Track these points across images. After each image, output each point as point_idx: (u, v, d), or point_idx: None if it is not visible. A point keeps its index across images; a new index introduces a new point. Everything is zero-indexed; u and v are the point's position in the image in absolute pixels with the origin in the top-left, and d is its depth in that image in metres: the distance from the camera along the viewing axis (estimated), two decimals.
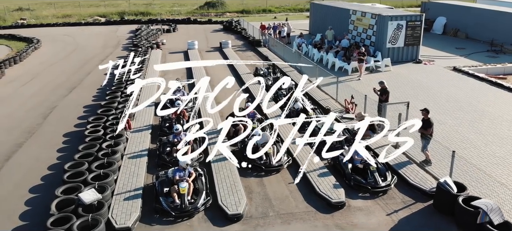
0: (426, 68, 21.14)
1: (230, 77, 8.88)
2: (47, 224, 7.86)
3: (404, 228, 8.26)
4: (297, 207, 9.01)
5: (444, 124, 13.27)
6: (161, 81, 9.43)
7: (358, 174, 9.88)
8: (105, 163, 10.40)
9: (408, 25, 21.85)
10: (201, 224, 8.48)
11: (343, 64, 20.77)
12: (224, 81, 8.71)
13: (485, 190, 8.86)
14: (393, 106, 12.80)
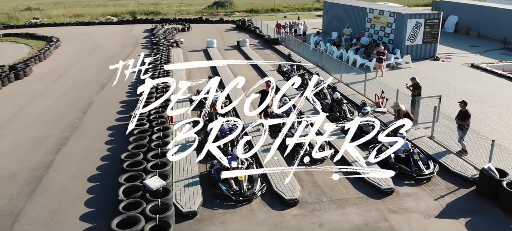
0: (444, 65, 21.70)
1: (241, 77, 8.38)
2: (119, 208, 8.39)
3: (452, 211, 8.80)
4: (348, 193, 9.55)
5: (472, 117, 13.81)
6: (172, 81, 9.30)
7: (402, 163, 10.43)
8: (159, 153, 10.94)
9: (426, 23, 22.43)
10: (260, 208, 9.02)
11: (365, 61, 21.32)
12: (235, 81, 8.35)
13: None
14: (425, 101, 13.38)
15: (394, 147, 8.47)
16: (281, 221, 8.58)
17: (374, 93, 15.45)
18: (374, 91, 15.58)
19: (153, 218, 8.07)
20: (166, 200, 8.69)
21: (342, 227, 8.34)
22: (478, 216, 8.57)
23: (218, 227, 8.41)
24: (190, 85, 15.03)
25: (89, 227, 8.48)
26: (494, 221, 8.37)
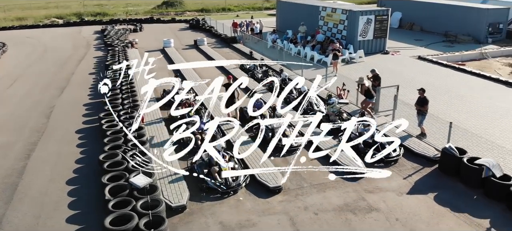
0: (394, 58, 23.21)
1: (245, 77, 9.05)
2: (108, 207, 8.41)
3: (420, 188, 9.69)
4: (326, 179, 10.15)
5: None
6: (176, 81, 9.77)
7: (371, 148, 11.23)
8: (137, 152, 10.96)
9: (376, 19, 23.84)
10: (246, 197, 9.40)
11: (321, 57, 22.29)
12: (239, 81, 8.95)
13: (479, 152, 10.54)
14: (382, 90, 14.41)
15: (366, 135, 9.03)
16: (268, 208, 9.02)
17: (336, 86, 16.30)
18: (335, 85, 16.44)
19: (146, 214, 8.20)
20: (155, 196, 8.84)
21: (325, 208, 8.94)
22: (443, 190, 9.52)
23: (209, 218, 8.69)
24: (194, 85, 15.15)
25: (79, 229, 8.42)
26: (458, 194, 9.34)
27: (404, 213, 8.71)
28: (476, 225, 8.20)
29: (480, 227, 8.15)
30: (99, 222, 8.39)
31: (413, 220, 8.48)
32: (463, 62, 22.34)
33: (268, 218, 8.64)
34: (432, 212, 8.76)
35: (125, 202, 8.64)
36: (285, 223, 8.48)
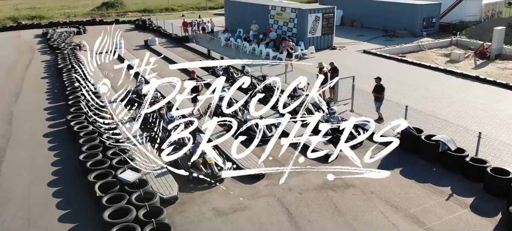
0: (342, 52, 24.78)
1: (246, 78, 9.69)
2: (103, 203, 8.58)
3: (387, 165, 10.81)
4: (303, 163, 11.00)
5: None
6: (177, 81, 10.13)
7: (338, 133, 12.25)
8: (117, 150, 11.07)
9: (324, 17, 25.27)
10: (233, 185, 9.97)
11: (276, 54, 23.26)
12: (240, 81, 9.55)
13: (432, 130, 11.93)
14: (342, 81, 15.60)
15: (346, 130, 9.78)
16: (256, 192, 9.67)
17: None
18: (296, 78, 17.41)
19: (142, 206, 8.48)
20: (147, 190, 9.13)
21: (308, 188, 9.77)
22: (406, 165, 10.74)
23: (202, 206, 9.15)
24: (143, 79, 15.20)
25: (73, 227, 8.50)
26: (419, 168, 10.59)
27: (377, 187, 9.76)
28: (440, 193, 9.43)
29: (443, 193, 9.39)
30: (92, 219, 8.58)
31: (385, 192, 9.54)
32: (403, 54, 24.40)
33: (258, 201, 9.28)
34: (401, 184, 9.90)
35: (118, 197, 8.83)
36: (274, 203, 9.17)
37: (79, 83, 17.36)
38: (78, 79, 18.08)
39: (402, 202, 9.13)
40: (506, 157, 10.70)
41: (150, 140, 12.42)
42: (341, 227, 8.27)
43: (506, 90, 16.72)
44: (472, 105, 15.10)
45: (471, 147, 10.81)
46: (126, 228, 7.80)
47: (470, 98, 15.83)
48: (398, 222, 8.44)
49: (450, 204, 9.00)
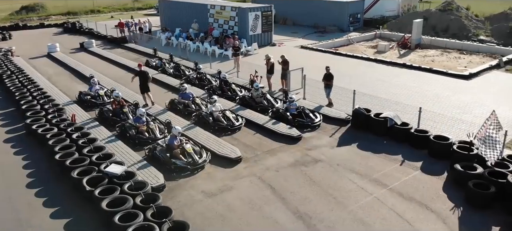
0: (282, 48, 26.23)
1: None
2: (95, 194, 8.89)
3: (344, 141, 12.27)
4: (272, 145, 12.09)
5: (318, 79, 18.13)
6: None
7: (297, 118, 13.52)
8: (93, 149, 11.22)
9: (263, 15, 26.58)
10: (215, 170, 10.71)
11: (222, 51, 24.07)
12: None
13: (377, 109, 13.64)
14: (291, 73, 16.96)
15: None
16: (237, 174, 10.51)
17: (249, 74, 18.31)
18: (247, 73, 18.46)
19: (137, 194, 8.92)
20: (138, 180, 9.55)
21: (282, 166, 10.83)
22: (361, 140, 12.26)
23: (190, 190, 9.79)
24: (95, 79, 15.36)
25: (69, 221, 8.69)
26: (372, 141, 12.15)
27: (341, 160, 11.11)
28: (393, 160, 11.04)
29: (396, 161, 11.00)
30: (86, 212, 8.86)
31: (349, 163, 10.92)
32: (336, 48, 26.56)
33: (241, 181, 10.14)
34: (360, 156, 11.37)
35: (110, 189, 9.16)
36: (256, 181, 10.10)
37: (26, 88, 16.74)
38: (24, 84, 17.39)
39: (365, 170, 10.56)
40: (441, 126, 12.70)
41: (121, 136, 12.68)
42: (320, 194, 9.43)
43: (429, 74, 19.27)
44: (405, 87, 17.27)
45: (412, 120, 12.66)
46: (128, 215, 8.23)
47: (402, 82, 18.05)
48: (365, 186, 9.83)
49: (404, 168, 10.62)
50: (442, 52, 24.66)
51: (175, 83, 18.62)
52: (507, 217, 8.41)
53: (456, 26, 28.84)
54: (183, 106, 15.00)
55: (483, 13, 31.30)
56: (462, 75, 18.68)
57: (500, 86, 17.46)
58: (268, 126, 13.23)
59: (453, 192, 9.39)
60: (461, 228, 8.20)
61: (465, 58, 22.98)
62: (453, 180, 9.79)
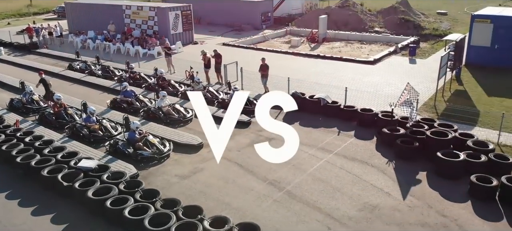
0: (205, 46, 27.23)
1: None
2: (75, 186, 9.25)
3: (287, 121, 13.65)
4: None
5: (250, 71, 19.70)
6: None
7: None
8: (52, 149, 11.27)
9: (183, 14, 27.30)
10: (181, 157, 11.57)
11: (146, 50, 24.29)
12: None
13: (310, 92, 15.60)
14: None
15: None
16: (203, 158, 11.52)
17: (184, 70, 19.10)
18: (182, 71, 19.26)
19: (119, 183, 9.46)
20: (114, 170, 10.05)
21: (242, 146, 12.10)
22: (300, 119, 14.02)
23: (164, 176, 10.56)
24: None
25: (54, 215, 8.93)
26: (309, 119, 13.97)
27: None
28: (331, 132, 13.00)
29: (333, 132, 12.98)
30: (69, 205, 9.18)
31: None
32: (254, 44, 28.38)
33: (209, 162, 11.18)
34: (304, 131, 13.13)
35: (89, 182, 9.52)
36: (223, 161, 11.15)
37: None
38: None
39: (311, 141, 12.33)
40: (363, 102, 15.07)
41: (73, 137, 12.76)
42: (281, 165, 10.78)
43: (341, 62, 22.03)
44: (323, 74, 19.63)
45: (339, 98, 14.80)
46: (118, 200, 8.79)
47: (320, 70, 20.44)
48: (315, 153, 11.58)
49: (341, 137, 12.63)
50: (346, 43, 27.96)
51: (107, 84, 18.63)
52: (428, 163, 10.77)
53: (354, 20, 32.68)
54: (127, 105, 15.35)
55: (375, 8, 35.85)
56: (368, 61, 21.77)
57: (400, 67, 20.82)
58: (219, 114, 14.34)
59: (384, 150, 11.60)
60: (397, 176, 10.34)
61: (366, 48, 26.45)
62: (382, 141, 12.03)
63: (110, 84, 18.46)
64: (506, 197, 8.80)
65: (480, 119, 13.47)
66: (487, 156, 10.05)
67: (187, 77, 18.74)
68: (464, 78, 18.27)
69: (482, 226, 8.21)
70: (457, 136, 11.19)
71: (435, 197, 9.33)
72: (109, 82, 18.76)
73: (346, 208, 9.06)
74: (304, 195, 9.55)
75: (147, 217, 8.09)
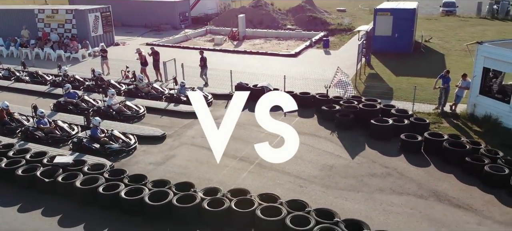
0: (126, 47, 27.16)
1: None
2: (58, 180, 9.57)
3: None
4: (184, 122, 14.15)
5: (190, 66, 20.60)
6: None
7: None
8: (16, 151, 11.17)
9: (102, 16, 26.85)
10: (148, 148, 12.23)
11: (69, 54, 23.56)
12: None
13: (252, 82, 17.09)
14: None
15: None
16: (170, 146, 12.34)
17: (120, 70, 19.27)
18: (118, 71, 19.39)
19: (103, 172, 9.95)
20: (92, 163, 10.46)
21: (201, 135, 13.09)
22: (249, 106, 15.40)
23: (139, 165, 11.20)
24: None
25: (43, 209, 9.15)
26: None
27: (243, 120, 13.96)
28: (278, 114, 14.60)
29: (280, 114, 14.61)
30: (52, 200, 9.47)
31: (250, 122, 13.76)
32: (178, 43, 29.02)
33: (178, 149, 12.06)
34: (254, 116, 14.53)
35: (72, 175, 9.83)
36: (191, 147, 12.19)
37: None
38: None
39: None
40: (297, 87, 17.02)
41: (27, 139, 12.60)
42: (245, 145, 12.21)
43: (267, 56, 23.98)
44: (255, 67, 21.32)
45: (278, 86, 16.58)
46: (109, 186, 9.32)
47: (251, 64, 22.10)
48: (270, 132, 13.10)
49: (288, 118, 14.34)
50: (265, 40, 30.04)
51: (41, 89, 18.05)
52: (363, 130, 12.96)
53: (268, 19, 35.03)
54: (73, 106, 15.29)
55: (284, 7, 38.70)
56: (291, 54, 24.04)
57: (318, 58, 23.41)
58: (171, 108, 15.17)
59: (326, 124, 13.62)
60: (342, 142, 12.36)
61: (284, 43, 28.83)
62: (322, 117, 14.04)
63: (44, 89, 17.91)
64: (429, 148, 11.29)
65: (395, 93, 16.31)
66: (409, 120, 12.58)
67: (123, 77, 18.98)
68: (373, 63, 21.40)
69: (417, 171, 10.51)
70: (382, 107, 13.64)
71: (375, 154, 11.50)
72: (43, 87, 18.16)
73: (309, 170, 10.76)
74: (273, 165, 10.99)
75: (145, 195, 8.85)
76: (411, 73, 19.26)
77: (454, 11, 39.48)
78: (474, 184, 9.66)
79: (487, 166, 9.60)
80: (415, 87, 14.49)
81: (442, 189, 9.54)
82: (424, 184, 9.80)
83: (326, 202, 9.28)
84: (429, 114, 13.92)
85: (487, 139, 11.86)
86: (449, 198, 9.18)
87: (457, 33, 29.68)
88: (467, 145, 10.69)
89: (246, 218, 8.42)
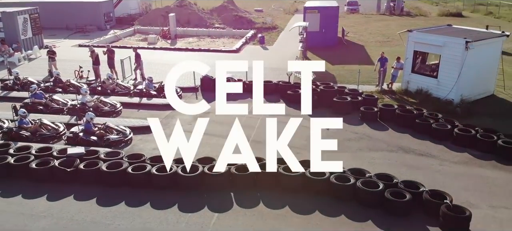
0: (61, 48, 26.20)
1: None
2: (81, 168, 10.20)
3: (207, 99, 16.59)
4: (166, 113, 15.07)
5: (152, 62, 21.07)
6: None
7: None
8: (16, 149, 11.25)
9: (31, 18, 25.59)
10: (144, 137, 13.08)
11: (3, 58, 22.21)
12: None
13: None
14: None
15: None
16: (165, 133, 13.24)
17: (73, 70, 19.11)
18: (71, 70, 19.22)
19: (123, 156, 10.76)
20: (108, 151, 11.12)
21: (190, 121, 14.26)
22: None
23: (143, 151, 12.00)
24: None
25: (76, 194, 9.69)
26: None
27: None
28: (250, 101, 16.34)
29: (251, 101, 16.34)
30: (77, 186, 10.10)
31: None
32: (108, 44, 28.64)
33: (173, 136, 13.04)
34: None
35: (93, 162, 10.48)
36: (186, 133, 13.22)
37: None
38: None
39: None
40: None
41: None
42: (231, 125, 13.67)
43: (208, 52, 25.42)
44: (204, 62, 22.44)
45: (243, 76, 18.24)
46: (138, 167, 10.22)
47: (199, 60, 23.25)
48: (250, 117, 14.80)
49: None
50: (198, 38, 31.25)
51: None
52: (326, 108, 15.28)
53: (194, 18, 36.14)
54: (43, 106, 15.15)
55: (207, 6, 40.07)
56: (233, 50, 25.76)
57: (258, 53, 25.51)
58: (145, 102, 15.92)
59: (294, 105, 15.69)
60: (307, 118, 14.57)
61: (218, 41, 30.37)
62: (289, 101, 16.11)
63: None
64: (384, 116, 14.06)
65: (338, 79, 19.09)
66: (361, 96, 15.29)
67: (76, 77, 18.89)
68: (309, 56, 24.19)
69: (380, 134, 13.15)
70: (337, 88, 16.20)
71: (343, 125, 13.87)
72: None
73: (296, 142, 12.61)
74: (264, 140, 12.73)
75: (179, 169, 10.03)
76: (343, 61, 22.37)
77: (357, 9, 44.88)
78: (426, 139, 12.59)
79: (434, 124, 12.59)
80: (359, 71, 17.35)
81: (404, 144, 12.26)
82: (390, 142, 12.45)
83: None
84: (372, 92, 16.88)
85: (423, 108, 15.08)
86: (412, 150, 11.92)
87: (367, 28, 34.23)
88: (414, 111, 13.68)
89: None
